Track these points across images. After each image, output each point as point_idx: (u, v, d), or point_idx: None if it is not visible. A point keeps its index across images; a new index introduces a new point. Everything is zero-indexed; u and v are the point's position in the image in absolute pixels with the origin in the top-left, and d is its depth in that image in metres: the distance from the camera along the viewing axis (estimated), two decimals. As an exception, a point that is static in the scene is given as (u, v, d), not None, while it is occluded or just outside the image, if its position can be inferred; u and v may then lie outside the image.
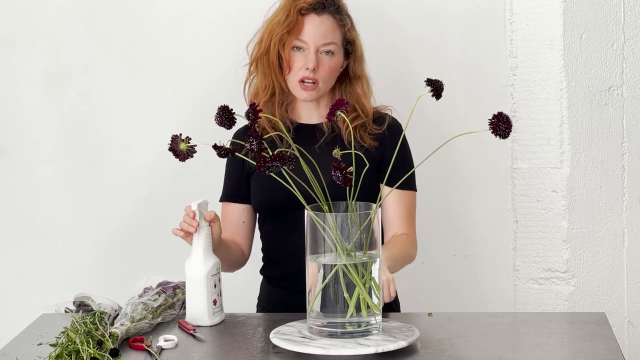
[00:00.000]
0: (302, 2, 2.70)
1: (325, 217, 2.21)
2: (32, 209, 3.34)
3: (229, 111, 2.21)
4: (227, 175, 2.81)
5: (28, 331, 2.47)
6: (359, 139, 2.71)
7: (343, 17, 2.74)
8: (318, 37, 2.68)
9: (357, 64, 2.77)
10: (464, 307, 3.26)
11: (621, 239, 3.23)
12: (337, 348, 2.19)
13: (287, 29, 2.69)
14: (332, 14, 2.71)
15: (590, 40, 3.16)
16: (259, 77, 2.75)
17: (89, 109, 3.29)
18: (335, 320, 2.24)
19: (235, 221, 2.78)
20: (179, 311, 2.53)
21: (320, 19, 2.70)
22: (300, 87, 2.69)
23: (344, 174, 2.16)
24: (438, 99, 2.26)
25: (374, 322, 2.25)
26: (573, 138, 3.20)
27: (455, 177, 3.28)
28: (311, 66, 2.67)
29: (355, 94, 2.76)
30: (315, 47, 2.68)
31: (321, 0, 2.70)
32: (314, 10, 2.70)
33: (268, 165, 2.15)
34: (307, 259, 2.26)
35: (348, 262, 2.22)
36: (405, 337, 2.24)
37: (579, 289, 3.25)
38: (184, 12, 3.25)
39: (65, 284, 3.28)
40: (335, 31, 2.71)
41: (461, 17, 3.20)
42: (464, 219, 3.29)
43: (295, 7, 2.69)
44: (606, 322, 2.42)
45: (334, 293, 2.24)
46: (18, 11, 3.26)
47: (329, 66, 2.69)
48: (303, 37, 2.68)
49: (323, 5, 2.71)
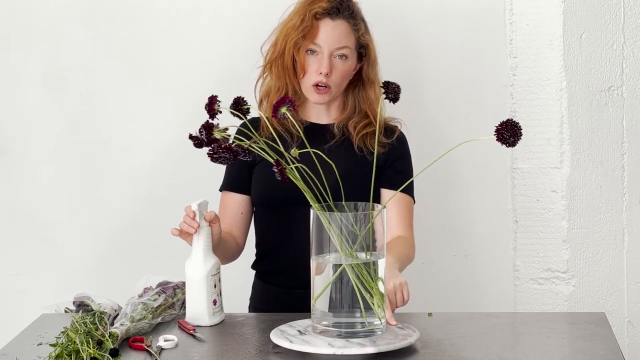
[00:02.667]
0: (317, 6, 2.71)
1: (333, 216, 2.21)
2: (32, 209, 3.34)
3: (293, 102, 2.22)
4: (229, 165, 2.81)
5: (28, 331, 2.47)
6: (369, 145, 2.73)
7: (357, 22, 2.75)
8: (332, 42, 2.70)
9: (371, 68, 2.79)
10: (464, 307, 3.26)
11: (621, 239, 3.23)
12: (337, 348, 2.19)
13: (302, 33, 2.70)
14: (346, 19, 2.72)
15: (590, 40, 3.16)
16: (273, 78, 2.77)
17: (89, 109, 3.29)
18: (341, 320, 2.24)
19: (233, 211, 2.79)
20: (179, 311, 2.53)
21: (334, 24, 2.71)
22: (314, 90, 2.70)
23: (279, 169, 2.16)
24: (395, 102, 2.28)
25: (378, 322, 2.25)
26: (573, 138, 3.20)
27: (455, 177, 3.28)
28: (324, 71, 2.68)
29: (367, 99, 2.78)
30: (329, 51, 2.69)
31: (336, 5, 2.72)
32: (329, 15, 2.71)
33: (216, 156, 2.15)
34: (312, 258, 2.26)
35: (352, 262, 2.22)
36: (405, 337, 2.24)
37: (579, 289, 3.25)
38: (184, 12, 3.25)
39: (65, 284, 3.28)
40: (349, 35, 2.72)
41: (461, 17, 3.20)
42: (464, 219, 3.29)
43: (310, 12, 2.71)
44: (606, 322, 2.42)
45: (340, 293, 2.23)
46: (18, 11, 3.26)
47: (341, 70, 2.71)
48: (317, 41, 2.70)
49: (338, 10, 2.72)
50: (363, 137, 2.75)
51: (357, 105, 2.79)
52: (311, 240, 2.26)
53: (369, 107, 2.77)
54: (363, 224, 2.22)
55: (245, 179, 2.78)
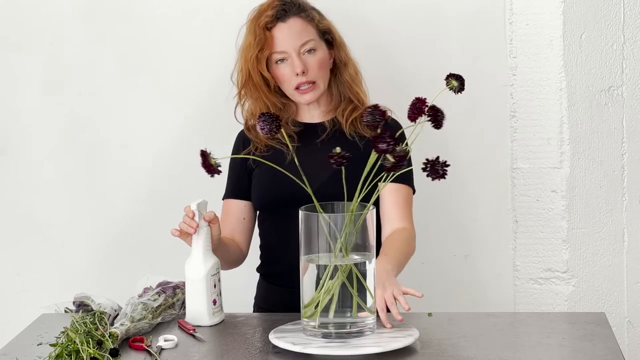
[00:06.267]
0: (264, 17, 2.71)
1: (319, 217, 2.21)
2: (32, 209, 3.34)
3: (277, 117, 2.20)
4: (230, 173, 2.82)
5: (28, 331, 2.47)
6: (360, 130, 2.72)
7: (309, 12, 2.74)
8: (294, 41, 2.69)
9: (341, 51, 2.78)
10: (464, 307, 3.26)
11: (621, 239, 3.23)
12: (337, 348, 2.19)
13: (258, 47, 2.70)
14: (297, 15, 2.72)
15: (590, 40, 3.16)
16: (251, 102, 2.77)
17: (88, 109, 3.29)
18: (329, 321, 2.23)
19: (235, 217, 2.79)
20: (178, 311, 2.53)
21: (287, 25, 2.71)
22: (298, 93, 2.70)
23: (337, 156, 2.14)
24: (461, 92, 2.26)
25: (368, 322, 2.25)
26: (573, 138, 3.20)
27: (455, 177, 3.26)
28: (299, 70, 2.68)
29: (345, 82, 2.77)
30: (295, 51, 2.69)
31: (280, 8, 2.71)
32: (278, 19, 2.71)
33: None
34: (301, 259, 2.26)
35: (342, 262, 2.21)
36: (405, 337, 2.24)
37: (578, 289, 3.25)
38: (184, 12, 3.25)
39: (65, 284, 3.28)
40: (307, 28, 2.72)
41: (461, 17, 3.20)
42: (464, 219, 3.29)
43: (259, 26, 2.71)
44: (606, 322, 2.42)
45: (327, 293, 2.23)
46: (18, 11, 3.26)
47: (316, 62, 2.70)
48: (280, 48, 2.70)
49: (285, 11, 2.71)
50: (352, 123, 2.74)
51: (341, 92, 2.78)
52: (300, 241, 2.26)
53: (350, 90, 2.77)
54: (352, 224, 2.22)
55: (245, 186, 2.79)
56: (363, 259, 2.24)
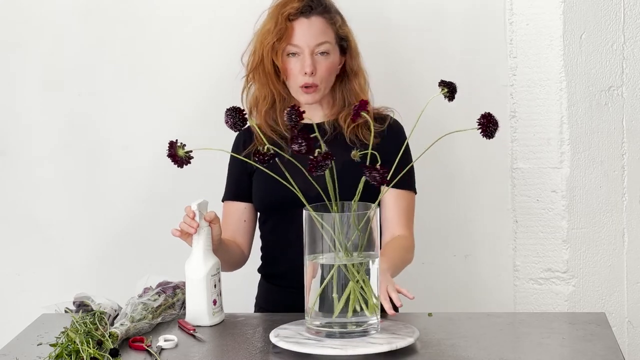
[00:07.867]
0: (289, 7, 2.69)
1: (324, 217, 2.21)
2: (32, 209, 3.34)
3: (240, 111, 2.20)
4: (229, 175, 2.82)
5: (28, 331, 2.47)
6: (361, 136, 2.72)
7: (333, 15, 2.73)
8: (310, 40, 2.68)
9: (353, 60, 2.77)
10: (464, 307, 3.26)
11: (621, 239, 3.24)
12: (338, 348, 2.19)
13: (277, 36, 2.68)
14: (320, 14, 2.71)
15: (590, 40, 3.16)
16: (257, 87, 2.75)
17: (88, 109, 3.29)
18: (333, 321, 2.24)
19: (236, 219, 2.79)
20: (179, 311, 2.53)
21: (309, 22, 2.69)
22: (302, 91, 2.69)
23: (381, 173, 2.14)
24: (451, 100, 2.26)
25: (372, 322, 2.25)
26: (573, 138, 3.20)
27: (455, 177, 3.28)
28: (308, 70, 2.67)
29: (353, 91, 2.76)
30: (309, 49, 2.68)
31: (307, 2, 2.70)
32: (302, 14, 2.69)
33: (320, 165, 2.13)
34: (305, 258, 2.26)
35: (346, 262, 2.21)
36: (405, 337, 2.24)
37: (579, 289, 3.25)
38: (183, 13, 3.25)
39: (65, 284, 3.28)
40: (326, 30, 2.71)
41: (461, 17, 3.20)
42: (464, 219, 3.29)
43: (282, 14, 2.69)
44: (606, 322, 2.42)
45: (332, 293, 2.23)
46: (18, 11, 3.26)
47: (326, 66, 2.69)
48: (295, 42, 2.68)
49: (310, 8, 2.70)
50: (354, 129, 2.73)
51: (345, 98, 2.77)
52: (304, 240, 2.26)
53: (356, 98, 2.75)
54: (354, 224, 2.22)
55: (245, 187, 2.78)
56: (368, 258, 2.24)
